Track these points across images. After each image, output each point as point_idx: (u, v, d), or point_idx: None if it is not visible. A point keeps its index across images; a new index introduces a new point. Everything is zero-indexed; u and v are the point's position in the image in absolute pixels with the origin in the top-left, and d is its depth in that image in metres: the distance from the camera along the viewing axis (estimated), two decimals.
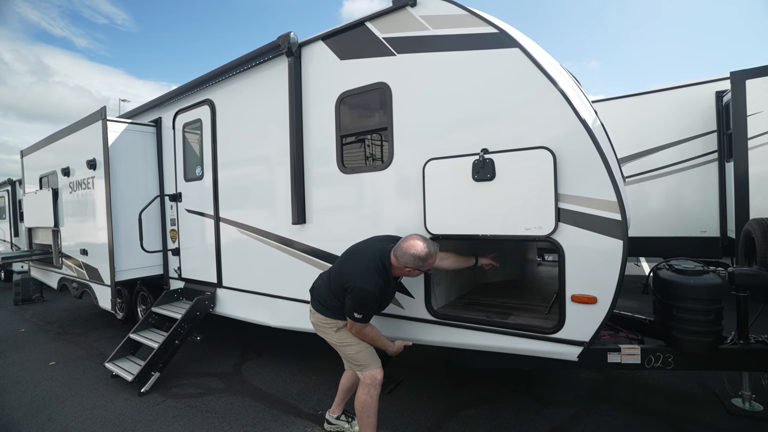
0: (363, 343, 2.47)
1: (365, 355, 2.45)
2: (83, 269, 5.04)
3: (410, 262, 2.27)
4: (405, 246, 2.28)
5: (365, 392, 2.41)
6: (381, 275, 2.30)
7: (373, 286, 2.24)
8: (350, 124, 3.11)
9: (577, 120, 2.17)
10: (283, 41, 3.22)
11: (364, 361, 2.44)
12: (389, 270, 2.34)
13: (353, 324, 2.37)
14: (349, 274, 2.33)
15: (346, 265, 2.42)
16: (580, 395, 3.16)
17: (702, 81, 5.55)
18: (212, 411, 3.18)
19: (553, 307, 2.85)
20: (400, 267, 2.32)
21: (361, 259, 2.37)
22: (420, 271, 2.34)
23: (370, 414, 2.41)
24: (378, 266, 2.31)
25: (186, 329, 3.86)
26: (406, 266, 2.29)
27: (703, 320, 2.37)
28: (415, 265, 2.27)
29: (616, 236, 2.10)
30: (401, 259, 2.28)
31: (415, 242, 2.28)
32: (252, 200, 3.78)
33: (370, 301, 2.27)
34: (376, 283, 2.26)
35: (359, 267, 2.33)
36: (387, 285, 2.35)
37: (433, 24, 2.62)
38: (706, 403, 2.93)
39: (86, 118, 4.70)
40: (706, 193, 5.49)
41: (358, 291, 2.24)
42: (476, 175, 2.42)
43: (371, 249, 2.41)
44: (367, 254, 2.38)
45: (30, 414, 3.26)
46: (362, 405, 2.41)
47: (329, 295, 2.47)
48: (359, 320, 2.32)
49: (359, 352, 2.45)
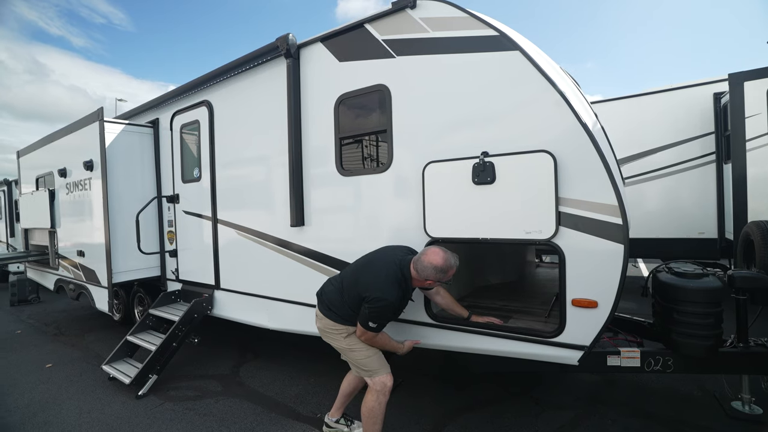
0: (372, 349, 2.44)
1: (374, 360, 2.43)
2: (80, 270, 5.01)
3: (432, 275, 2.25)
4: (426, 259, 2.26)
5: (374, 399, 2.38)
6: (401, 286, 2.30)
7: (393, 297, 2.24)
8: (349, 126, 3.09)
9: (578, 123, 2.16)
10: (281, 43, 3.20)
11: (373, 366, 2.42)
12: (409, 281, 2.33)
13: (364, 332, 2.34)
14: (368, 284, 2.30)
15: (365, 275, 2.38)
16: (579, 398, 3.16)
17: (700, 82, 5.55)
18: (210, 414, 3.17)
19: (552, 310, 2.84)
20: (420, 280, 2.31)
21: (381, 269, 2.34)
22: (440, 282, 2.34)
23: (377, 421, 2.39)
24: (398, 277, 2.30)
25: (184, 331, 3.84)
26: (427, 279, 2.28)
27: (702, 323, 2.37)
28: (436, 277, 2.27)
29: (617, 240, 2.09)
30: (422, 272, 2.27)
31: (436, 255, 2.26)
32: (250, 202, 3.76)
33: (388, 312, 2.28)
34: (396, 294, 2.26)
35: (379, 277, 2.30)
36: (406, 296, 2.36)
37: (433, 26, 2.61)
38: (706, 407, 2.93)
39: (83, 119, 4.67)
40: (704, 195, 5.49)
41: (378, 301, 2.22)
42: (476, 179, 2.41)
43: (390, 259, 2.39)
44: (387, 264, 2.36)
45: (27, 417, 3.23)
46: (369, 411, 2.38)
47: (342, 303, 2.43)
48: (373, 329, 2.30)
49: (368, 357, 2.42)
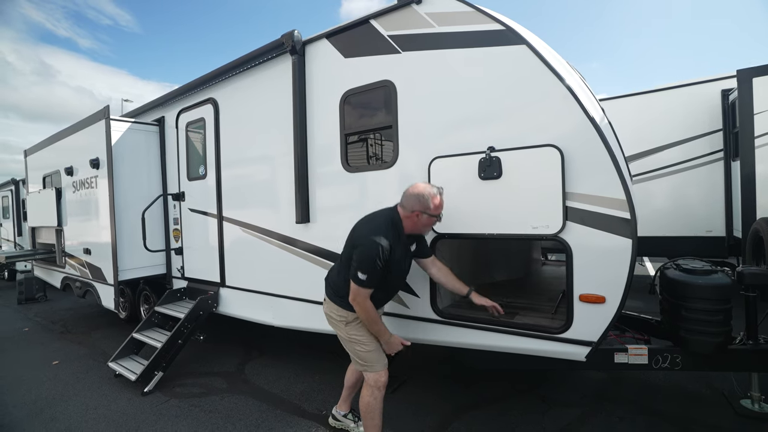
0: (373, 343, 2.41)
1: (372, 355, 2.41)
2: (86, 268, 5.03)
3: (416, 204, 2.24)
4: (407, 192, 2.30)
5: (369, 394, 2.39)
6: (392, 230, 2.25)
7: (382, 240, 2.17)
8: (355, 122, 3.09)
9: (585, 117, 2.15)
10: (287, 39, 3.20)
11: (370, 360, 2.41)
12: (399, 225, 2.30)
13: (356, 293, 2.22)
14: (359, 234, 2.29)
15: (357, 230, 2.36)
16: (586, 395, 3.14)
17: (708, 79, 5.50)
18: (215, 411, 3.17)
19: (559, 307, 2.82)
20: (408, 215, 2.28)
21: (371, 219, 2.35)
22: (429, 215, 2.27)
23: (375, 416, 2.39)
24: (389, 221, 2.29)
25: (189, 329, 3.85)
26: (413, 210, 2.26)
27: (711, 320, 2.34)
28: (421, 206, 2.24)
29: (625, 235, 2.08)
30: (407, 204, 2.28)
31: (416, 186, 2.29)
32: (255, 199, 3.76)
33: (377, 256, 2.14)
34: (386, 238, 2.19)
35: (369, 224, 2.31)
36: (398, 243, 2.27)
37: (439, 21, 2.60)
38: (714, 405, 2.90)
39: (89, 118, 4.70)
40: (712, 193, 5.44)
41: (367, 244, 2.17)
42: (483, 174, 2.40)
43: (381, 211, 2.41)
44: (377, 214, 2.38)
45: (34, 413, 3.26)
46: (366, 406, 2.39)
47: (342, 282, 2.36)
48: (362, 283, 2.18)
49: (367, 351, 2.41)
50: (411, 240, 2.43)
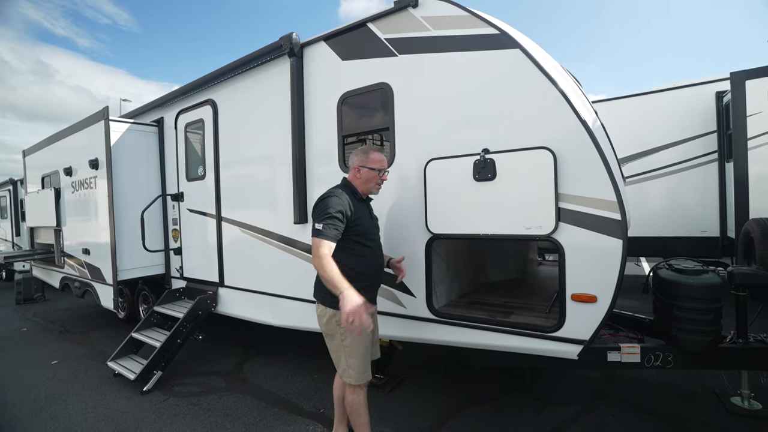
0: (353, 347, 2.27)
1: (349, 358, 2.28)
2: (85, 269, 5.06)
3: (356, 161, 2.37)
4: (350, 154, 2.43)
5: (350, 392, 2.33)
6: (346, 190, 2.32)
7: (336, 191, 2.28)
8: (352, 124, 3.12)
9: (577, 120, 2.19)
10: (285, 42, 3.23)
11: (344, 364, 2.30)
12: (352, 186, 2.39)
13: (315, 246, 2.12)
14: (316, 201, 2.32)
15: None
16: (580, 394, 3.18)
17: (702, 81, 5.56)
18: (214, 409, 3.20)
19: (553, 307, 2.86)
20: (355, 175, 2.38)
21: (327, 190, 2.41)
22: (368, 168, 2.35)
23: (361, 413, 2.33)
24: (341, 185, 2.39)
25: (188, 328, 3.88)
26: (355, 167, 2.37)
27: (702, 319, 2.39)
28: (360, 161, 2.36)
29: (616, 236, 2.12)
30: (350, 164, 2.42)
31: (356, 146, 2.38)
32: (254, 200, 3.79)
33: (331, 205, 2.16)
34: (342, 194, 2.26)
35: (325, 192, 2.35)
36: (354, 200, 2.31)
37: (435, 25, 2.64)
38: (706, 402, 2.95)
39: (88, 118, 4.72)
40: (706, 193, 5.50)
41: (321, 198, 2.25)
42: (477, 175, 2.44)
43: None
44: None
45: (33, 412, 3.28)
46: (350, 405, 2.34)
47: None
48: (320, 233, 2.11)
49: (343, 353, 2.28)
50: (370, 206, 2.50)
